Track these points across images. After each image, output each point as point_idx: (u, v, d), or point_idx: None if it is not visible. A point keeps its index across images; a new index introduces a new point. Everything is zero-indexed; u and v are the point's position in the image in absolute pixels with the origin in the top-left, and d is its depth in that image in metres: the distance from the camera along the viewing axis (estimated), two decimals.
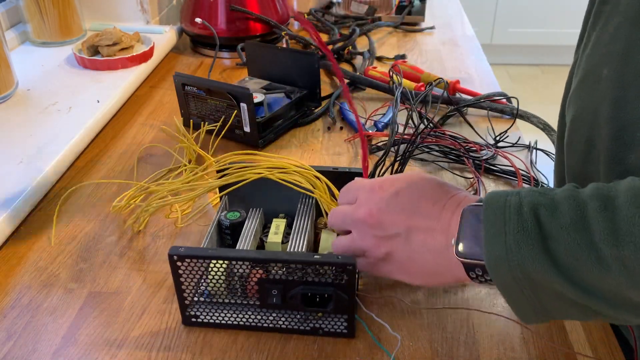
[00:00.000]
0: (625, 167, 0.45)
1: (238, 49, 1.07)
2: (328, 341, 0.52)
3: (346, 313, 0.50)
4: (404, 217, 0.48)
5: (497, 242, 0.40)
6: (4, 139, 0.78)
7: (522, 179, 0.72)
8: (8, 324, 0.54)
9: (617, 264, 0.36)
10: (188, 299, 0.52)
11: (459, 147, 0.77)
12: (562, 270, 0.38)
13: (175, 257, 0.49)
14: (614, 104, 0.46)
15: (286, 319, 0.52)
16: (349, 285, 0.49)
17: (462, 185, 0.73)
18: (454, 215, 0.46)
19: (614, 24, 0.49)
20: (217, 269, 0.50)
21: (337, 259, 0.48)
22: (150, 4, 1.14)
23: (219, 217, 0.59)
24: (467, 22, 1.32)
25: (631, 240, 0.36)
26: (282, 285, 0.49)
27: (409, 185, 0.50)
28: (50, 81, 0.94)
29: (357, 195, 0.51)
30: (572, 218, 0.38)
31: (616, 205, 0.37)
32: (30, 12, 1.03)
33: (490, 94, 0.90)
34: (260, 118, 0.80)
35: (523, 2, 3.19)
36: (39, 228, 0.66)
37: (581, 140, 0.52)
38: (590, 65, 0.52)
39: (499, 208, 0.41)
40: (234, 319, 0.52)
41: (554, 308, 0.42)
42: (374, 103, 0.93)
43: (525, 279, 0.40)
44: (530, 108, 0.87)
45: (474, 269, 0.44)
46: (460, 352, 0.51)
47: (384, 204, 0.49)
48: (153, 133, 0.85)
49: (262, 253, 0.50)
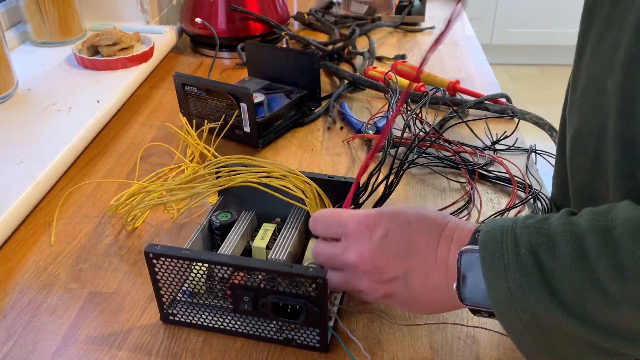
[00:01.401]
0: (636, 182, 0.43)
1: (238, 49, 1.07)
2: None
3: (318, 327, 0.49)
4: (399, 260, 0.46)
5: (500, 287, 0.39)
6: (4, 139, 0.78)
7: (517, 186, 0.71)
8: (8, 324, 0.54)
9: (626, 301, 0.36)
10: (165, 297, 0.52)
11: (453, 155, 0.76)
12: (570, 310, 0.37)
13: (151, 255, 0.49)
14: (621, 119, 0.44)
15: (259, 326, 0.51)
16: (320, 299, 0.47)
17: (457, 190, 0.72)
18: (451, 254, 0.45)
19: (612, 33, 0.47)
20: (198, 270, 0.49)
21: (309, 271, 0.46)
22: (150, 4, 1.14)
23: (210, 217, 0.59)
24: (467, 22, 1.32)
25: (636, 277, 0.35)
26: (254, 293, 0.48)
27: (396, 225, 0.47)
28: (50, 81, 0.94)
29: (342, 233, 0.49)
30: (572, 256, 0.37)
31: (616, 239, 0.36)
32: (30, 12, 1.03)
33: (489, 96, 0.90)
34: (260, 118, 0.80)
35: (523, 2, 3.19)
36: (39, 228, 0.66)
37: (586, 154, 0.51)
38: (591, 76, 0.51)
39: (497, 251, 0.40)
40: (209, 321, 0.52)
41: (566, 350, 0.41)
42: (374, 103, 0.93)
43: (533, 323, 0.39)
44: (530, 108, 0.87)
45: (481, 312, 0.43)
46: (460, 353, 0.51)
47: (374, 247, 0.47)
48: (153, 133, 0.85)
49: (235, 259, 0.49)
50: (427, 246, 0.46)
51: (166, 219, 0.67)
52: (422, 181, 0.74)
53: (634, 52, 0.43)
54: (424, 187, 0.73)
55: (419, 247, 0.46)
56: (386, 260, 0.47)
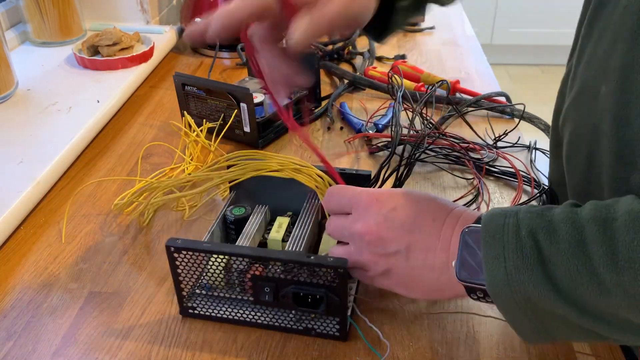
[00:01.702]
0: (630, 186, 0.44)
1: (238, 49, 1.07)
2: (328, 342, 0.52)
3: (338, 315, 0.50)
4: (403, 233, 0.47)
5: (497, 266, 0.40)
6: (4, 139, 0.78)
7: (523, 180, 0.72)
8: (8, 324, 0.54)
9: (617, 289, 0.36)
10: (185, 290, 0.53)
11: (460, 149, 0.77)
12: (562, 294, 0.38)
13: (172, 249, 0.50)
14: (615, 122, 0.45)
15: (279, 317, 0.52)
16: (340, 288, 0.48)
17: (463, 186, 0.73)
18: (454, 234, 0.46)
19: (608, 39, 0.48)
20: (218, 263, 0.50)
21: (329, 261, 0.48)
22: (150, 4, 1.14)
23: (224, 211, 0.59)
24: (467, 22, 1.32)
25: (631, 266, 0.36)
26: (275, 284, 0.50)
27: (406, 201, 0.49)
28: (50, 81, 0.94)
29: (353, 205, 0.50)
30: (571, 243, 0.38)
31: (614, 229, 0.37)
32: (30, 12, 1.03)
33: (489, 93, 0.90)
34: (260, 118, 0.80)
35: (523, 2, 3.19)
36: (39, 228, 0.66)
37: (581, 157, 0.52)
38: (586, 80, 0.52)
39: (498, 232, 0.41)
40: (230, 313, 0.53)
41: (557, 330, 0.42)
42: (374, 103, 0.93)
43: (526, 303, 0.40)
44: (530, 108, 0.87)
45: (475, 291, 0.44)
46: (460, 353, 0.51)
47: (382, 218, 0.48)
48: (153, 133, 0.85)
49: (255, 250, 0.50)
50: (432, 223, 0.47)
51: (171, 219, 0.67)
52: (428, 179, 0.75)
53: (629, 57, 0.44)
54: (431, 184, 0.73)
55: (425, 223, 0.47)
56: (391, 232, 0.48)
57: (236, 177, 0.59)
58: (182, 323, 0.54)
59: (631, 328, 0.39)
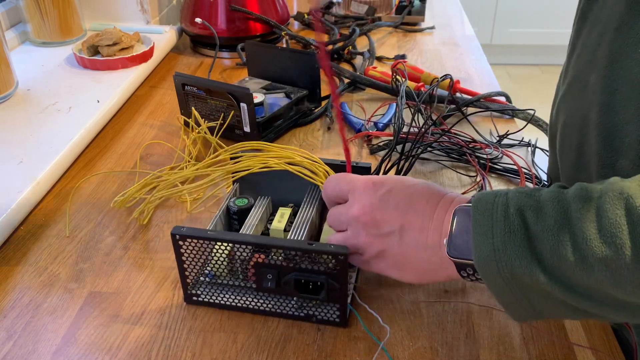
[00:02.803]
0: (616, 172, 0.45)
1: (238, 49, 1.07)
2: (328, 342, 0.52)
3: (338, 302, 0.51)
4: (397, 214, 0.48)
5: (485, 243, 0.41)
6: (4, 139, 0.78)
7: (525, 177, 0.72)
8: (8, 324, 0.54)
9: (600, 265, 0.37)
10: (190, 278, 0.54)
11: (465, 146, 0.77)
12: (547, 270, 0.39)
13: (178, 237, 0.51)
14: (602, 110, 0.46)
15: (281, 304, 0.53)
16: (341, 275, 0.50)
17: (467, 183, 0.73)
18: (447, 214, 0.47)
19: (597, 30, 0.49)
20: (222, 251, 0.51)
21: (330, 247, 0.49)
22: (150, 4, 1.14)
23: (227, 202, 0.60)
24: (467, 22, 1.32)
25: (613, 242, 0.36)
26: (277, 271, 0.51)
27: (402, 184, 0.50)
28: (50, 81, 0.94)
29: (350, 190, 0.52)
30: (556, 219, 0.39)
31: (598, 207, 0.38)
32: (30, 12, 1.03)
33: (489, 93, 0.90)
34: (260, 118, 0.80)
35: (523, 2, 3.19)
36: (39, 228, 0.66)
37: (572, 146, 0.53)
38: (577, 71, 0.53)
39: (487, 209, 0.42)
40: (233, 301, 0.54)
41: (544, 307, 0.43)
42: (374, 103, 0.93)
43: (513, 280, 0.41)
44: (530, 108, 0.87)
45: (465, 268, 0.45)
46: (460, 352, 0.51)
47: (376, 200, 0.49)
48: (153, 133, 0.85)
49: (258, 238, 0.51)
50: (426, 205, 0.48)
51: (171, 219, 0.67)
52: (432, 177, 0.75)
53: (615, 46, 0.45)
54: (434, 181, 0.73)
55: (419, 204, 0.48)
56: (385, 213, 0.49)
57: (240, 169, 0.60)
58: (183, 323, 0.54)
59: (615, 304, 0.39)
